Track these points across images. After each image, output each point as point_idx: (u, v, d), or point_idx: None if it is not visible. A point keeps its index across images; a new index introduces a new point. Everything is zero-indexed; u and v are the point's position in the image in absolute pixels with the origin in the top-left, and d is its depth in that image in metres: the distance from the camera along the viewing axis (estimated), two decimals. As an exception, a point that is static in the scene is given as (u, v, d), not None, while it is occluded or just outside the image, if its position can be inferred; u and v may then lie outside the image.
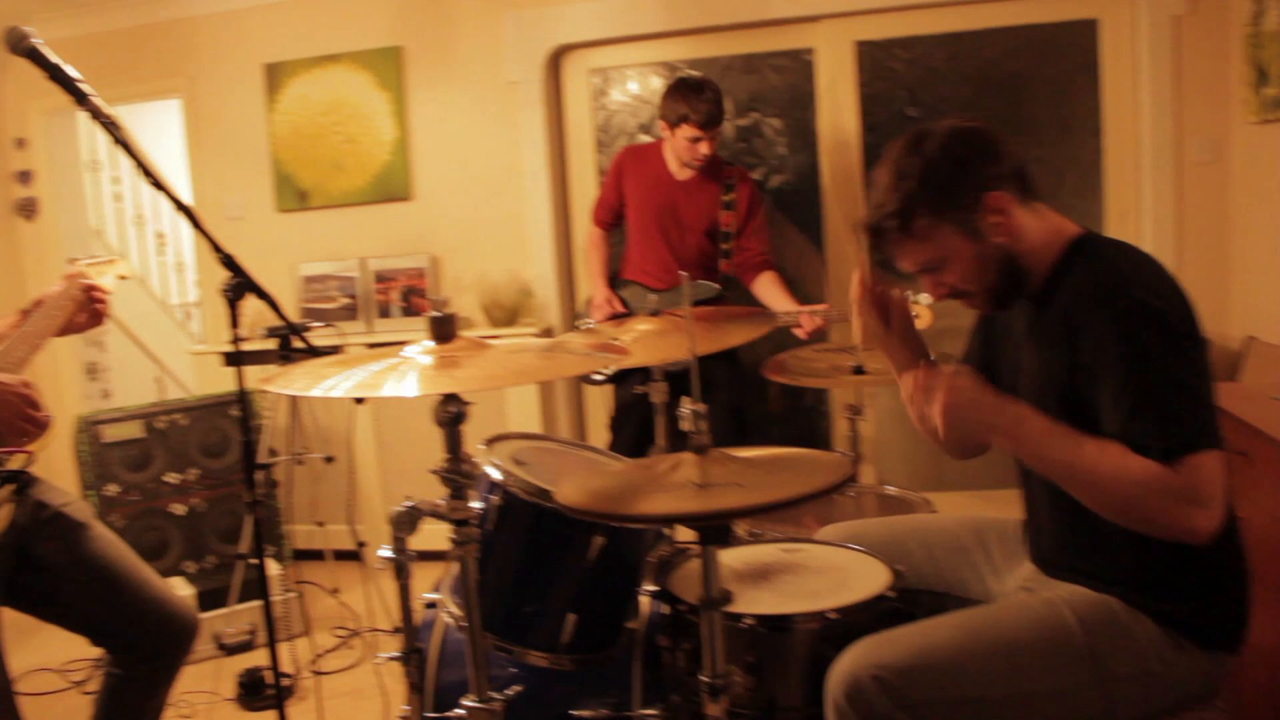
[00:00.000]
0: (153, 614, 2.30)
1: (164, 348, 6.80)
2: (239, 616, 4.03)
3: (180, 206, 2.26)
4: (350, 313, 4.99)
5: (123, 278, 2.73)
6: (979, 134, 1.86)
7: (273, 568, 4.23)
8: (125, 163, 6.65)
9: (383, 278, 4.97)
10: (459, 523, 1.73)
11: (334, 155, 4.97)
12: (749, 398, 4.32)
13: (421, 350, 1.69)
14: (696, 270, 3.99)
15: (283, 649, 3.80)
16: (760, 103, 4.64)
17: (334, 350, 2.75)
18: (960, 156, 1.83)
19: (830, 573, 2.10)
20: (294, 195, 5.06)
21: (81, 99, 2.10)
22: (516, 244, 4.84)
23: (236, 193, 5.17)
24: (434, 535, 2.45)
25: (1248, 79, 3.88)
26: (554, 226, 4.76)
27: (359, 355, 1.79)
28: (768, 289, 3.97)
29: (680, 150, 3.89)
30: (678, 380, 3.20)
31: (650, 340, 2.70)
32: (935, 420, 1.76)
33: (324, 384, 1.60)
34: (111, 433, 4.42)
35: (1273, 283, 3.80)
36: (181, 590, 4.06)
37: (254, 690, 3.59)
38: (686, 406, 1.59)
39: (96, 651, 2.55)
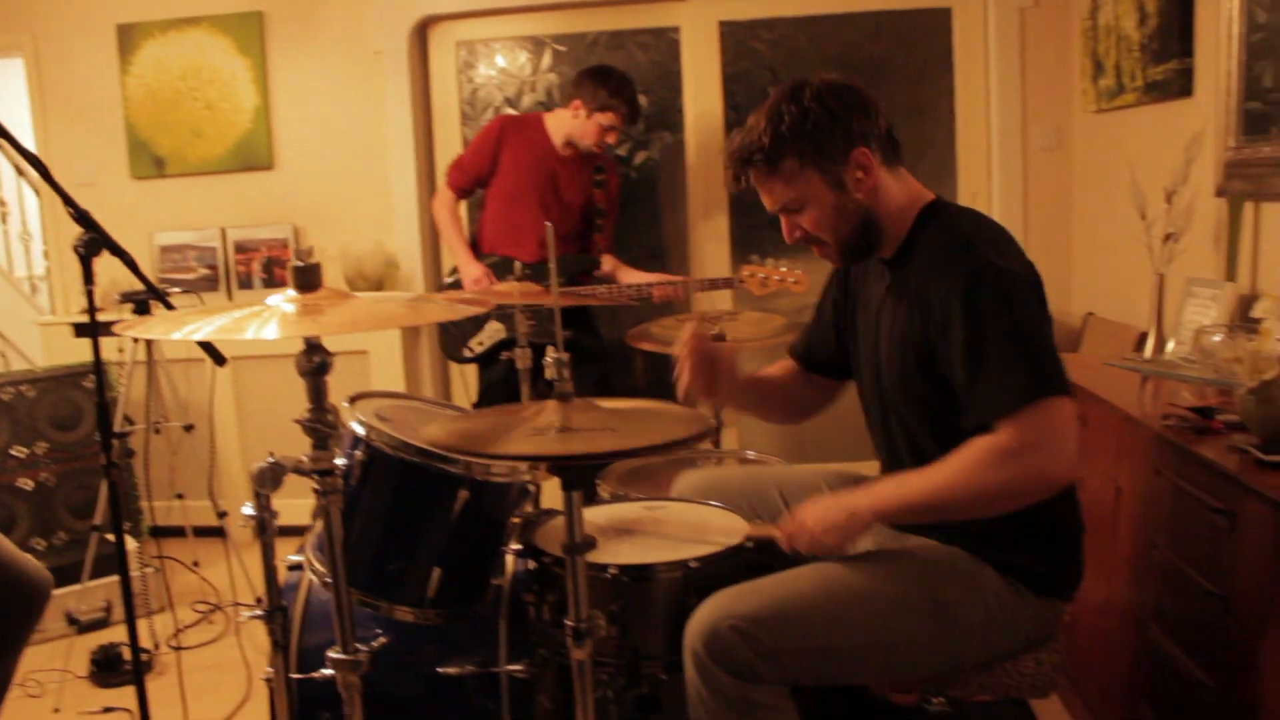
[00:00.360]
0: (3, 575, 2.24)
1: (8, 321, 6.53)
2: (93, 593, 3.91)
3: (26, 155, 2.20)
4: (210, 284, 4.89)
5: None
6: (855, 91, 1.95)
7: (129, 543, 4.13)
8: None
9: (243, 248, 4.89)
10: (323, 473, 1.74)
11: (192, 121, 4.85)
12: (614, 370, 4.40)
13: (285, 299, 1.69)
14: (572, 245, 4.07)
15: (140, 625, 3.74)
16: (627, 79, 4.69)
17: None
18: (835, 109, 1.91)
19: (691, 527, 2.17)
20: (150, 162, 4.92)
21: None
22: (381, 216, 4.80)
23: (87, 158, 4.99)
24: (296, 509, 2.47)
25: (1086, 70, 4.09)
26: (419, 199, 4.74)
27: (220, 305, 1.78)
28: (619, 264, 4.14)
29: (587, 133, 3.95)
30: (543, 350, 3.24)
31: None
32: (821, 551, 1.87)
33: (186, 328, 1.59)
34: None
35: (1108, 263, 4.03)
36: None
37: (109, 667, 3.51)
38: (550, 355, 1.63)
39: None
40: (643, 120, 4.66)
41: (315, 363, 1.69)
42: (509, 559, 2.31)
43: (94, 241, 2.31)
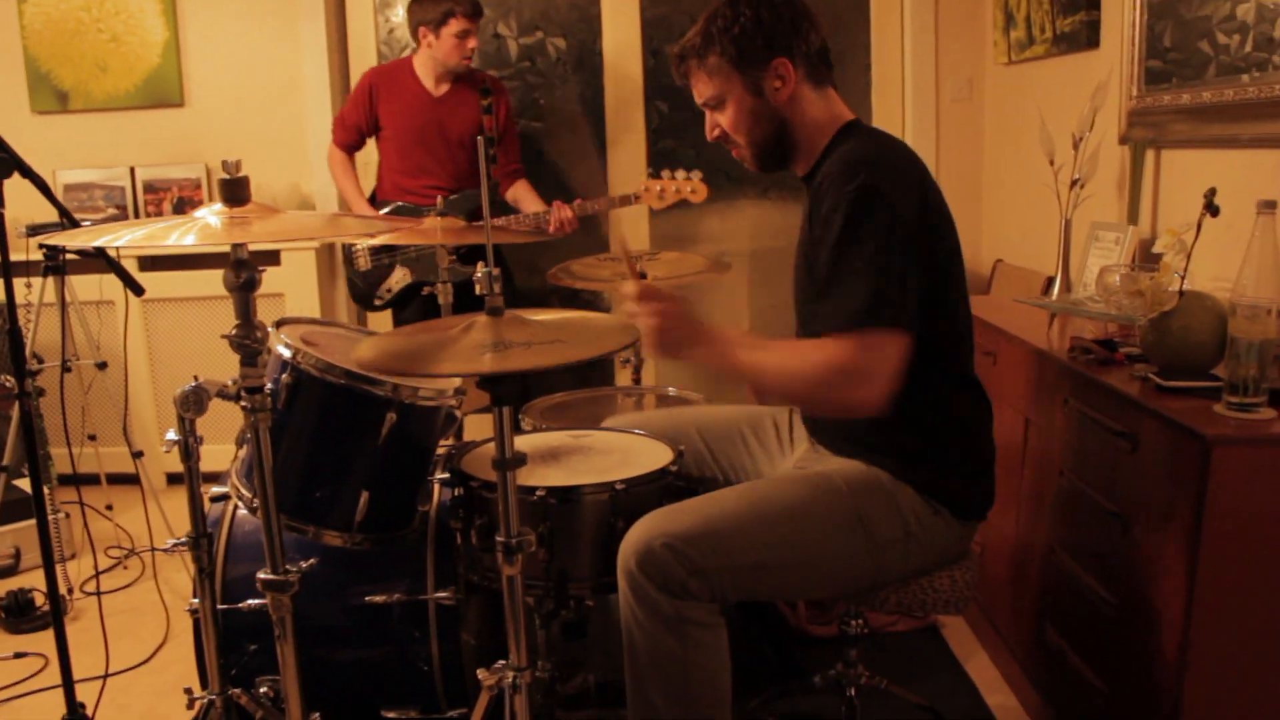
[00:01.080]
0: None
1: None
2: (0, 539, 3.83)
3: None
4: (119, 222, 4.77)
5: None
6: (793, 4, 2.01)
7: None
8: None
9: (153, 188, 4.78)
10: (251, 390, 1.74)
11: (97, 54, 4.71)
12: (533, 305, 4.40)
13: (212, 212, 1.68)
14: (468, 182, 4.04)
15: (63, 567, 3.67)
16: (545, 22, 4.67)
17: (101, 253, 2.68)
18: (764, 17, 1.97)
19: (616, 453, 2.21)
20: (52, 96, 4.77)
21: None
22: (297, 157, 4.73)
23: (-16, 90, 4.82)
24: (216, 455, 2.45)
25: (998, 22, 4.18)
26: (335, 140, 4.67)
27: (143, 221, 1.77)
28: (523, 195, 4.09)
29: (448, 52, 3.87)
30: (463, 287, 3.25)
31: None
32: (643, 337, 1.87)
33: (106, 237, 1.58)
34: None
35: (1016, 212, 4.15)
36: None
37: (19, 612, 3.43)
38: (480, 269, 1.65)
39: None
40: (560, 64, 4.66)
41: (243, 278, 1.69)
42: (435, 487, 2.34)
43: (4, 163, 2.23)
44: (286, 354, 2.02)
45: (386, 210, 4.01)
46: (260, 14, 4.64)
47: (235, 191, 1.68)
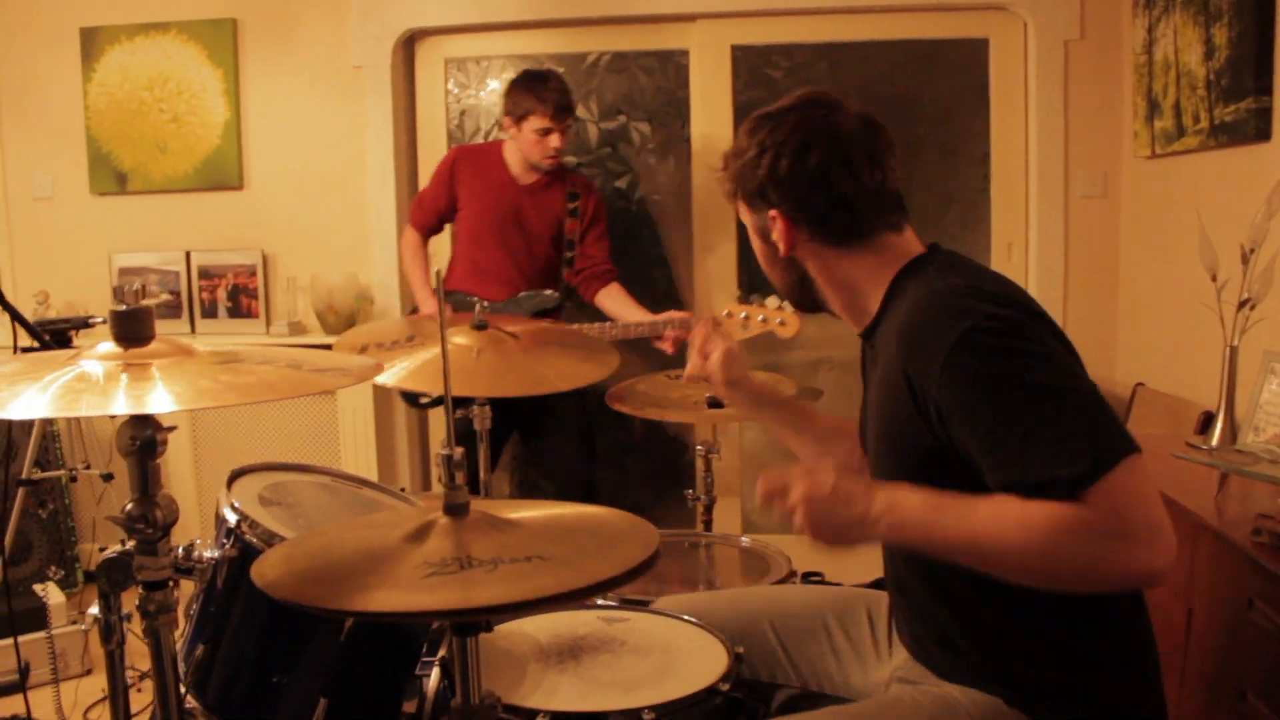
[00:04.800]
0: None
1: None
2: (7, 652, 3.49)
3: None
4: (173, 310, 4.49)
5: None
6: (822, 150, 1.60)
7: (57, 595, 3.71)
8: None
9: (209, 274, 4.48)
10: (151, 586, 1.31)
11: (158, 135, 4.46)
12: (603, 422, 3.95)
13: (99, 355, 1.26)
14: (540, 281, 3.67)
15: (60, 691, 3.33)
16: (628, 105, 4.29)
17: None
18: (766, 163, 1.62)
19: (655, 653, 1.72)
20: (111, 177, 4.54)
21: None
22: (357, 245, 4.40)
23: (45, 170, 4.61)
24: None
25: (1139, 110, 3.67)
26: (399, 228, 4.31)
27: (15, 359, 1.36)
28: (616, 300, 3.69)
29: (529, 147, 3.56)
30: (504, 405, 2.82)
31: (468, 361, 2.31)
32: (799, 529, 1.42)
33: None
34: None
35: (1163, 328, 3.58)
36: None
37: (10, 741, 3.11)
38: (443, 449, 1.19)
39: None
40: (644, 150, 4.27)
41: (139, 441, 1.26)
42: (433, 676, 1.87)
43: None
44: (231, 519, 1.59)
45: (453, 302, 3.64)
46: (324, 94, 4.34)
47: (133, 327, 1.25)
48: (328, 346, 4.07)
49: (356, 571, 1.13)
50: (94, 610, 1.59)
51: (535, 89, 3.51)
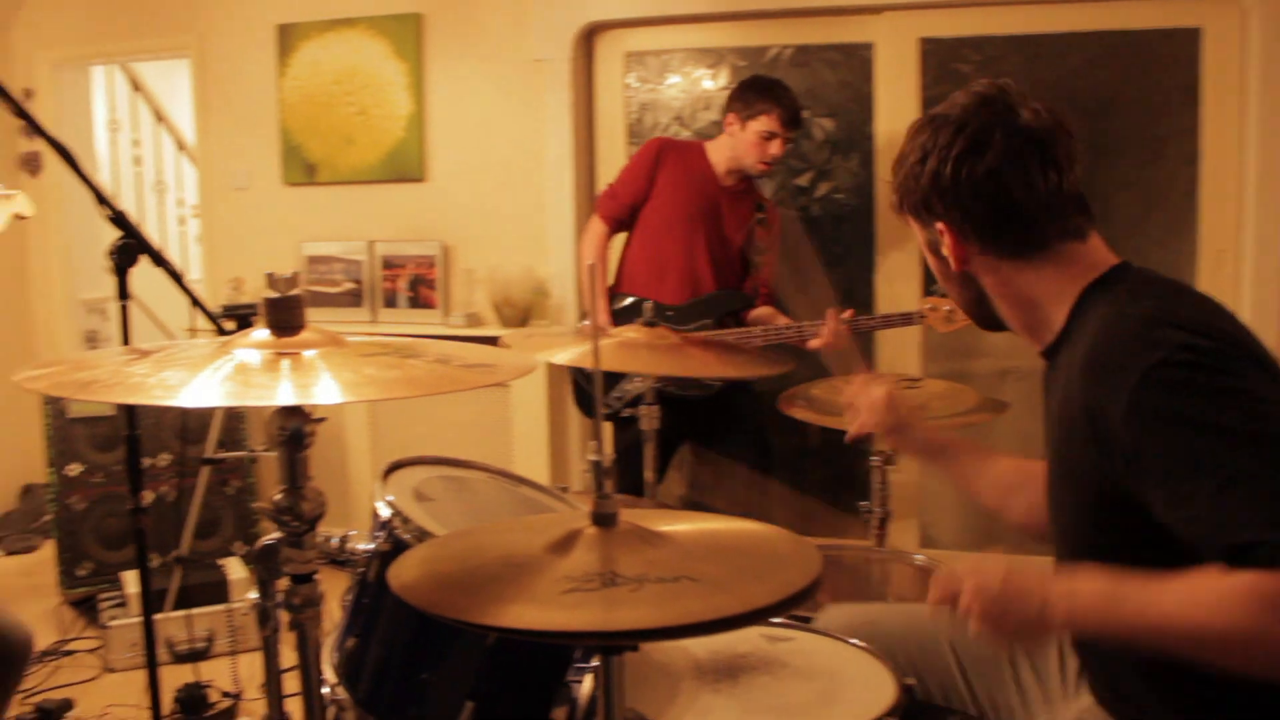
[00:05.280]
0: None
1: (180, 321, 6.45)
2: (196, 621, 3.65)
3: (48, 139, 1.87)
4: (354, 299, 4.61)
5: (20, 217, 2.34)
6: (996, 156, 1.46)
7: (239, 570, 3.86)
8: (147, 126, 6.37)
9: (390, 264, 4.58)
10: (296, 578, 1.31)
11: (345, 127, 4.59)
12: (778, 427, 3.85)
13: (252, 342, 1.26)
14: (729, 283, 3.61)
15: (235, 662, 3.46)
16: (811, 100, 4.16)
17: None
18: (927, 173, 1.50)
19: (818, 679, 1.63)
20: (301, 168, 4.69)
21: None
22: (534, 238, 4.42)
23: (243, 162, 4.81)
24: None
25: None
26: (576, 222, 4.33)
27: (174, 348, 1.36)
28: (770, 315, 3.63)
29: (747, 148, 3.50)
30: (674, 406, 2.77)
31: (630, 350, 2.26)
32: (974, 632, 1.32)
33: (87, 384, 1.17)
34: (78, 407, 4.07)
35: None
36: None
37: (191, 708, 3.23)
38: (590, 454, 1.14)
39: None
40: (826, 147, 4.15)
41: (287, 432, 1.25)
42: (584, 684, 1.82)
43: (128, 248, 1.94)
44: (384, 514, 1.58)
45: (620, 307, 3.59)
46: (504, 87, 4.38)
47: (284, 316, 1.24)
48: (495, 339, 4.17)
49: (495, 580, 1.08)
50: (253, 595, 1.60)
51: (774, 92, 3.47)
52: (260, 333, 1.29)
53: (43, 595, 4.22)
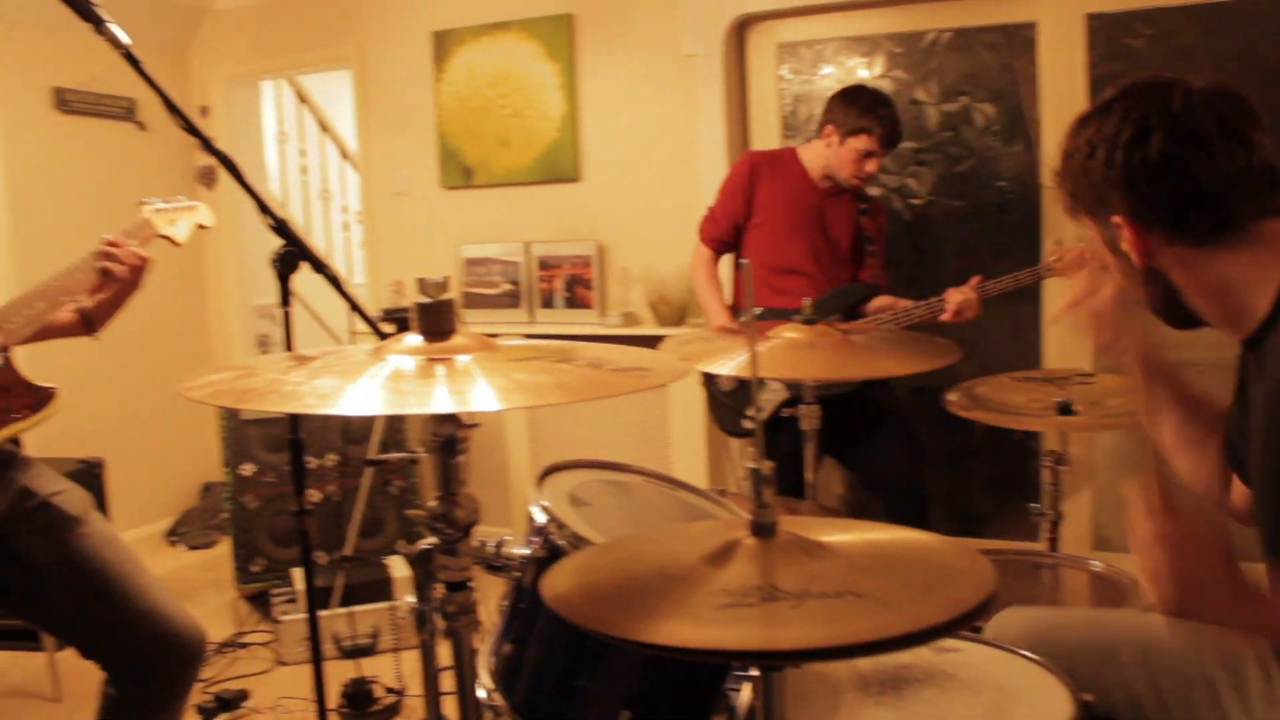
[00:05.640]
0: (146, 630, 1.94)
1: (343, 322, 6.64)
2: (361, 618, 3.75)
3: (220, 157, 1.92)
4: (512, 300, 4.66)
5: (202, 227, 2.43)
6: (1169, 136, 1.36)
7: (400, 568, 3.95)
8: (312, 136, 6.58)
9: (547, 264, 4.61)
10: (451, 586, 1.30)
11: (500, 130, 4.64)
12: (931, 424, 3.73)
13: (407, 349, 1.25)
14: (845, 280, 3.53)
15: (398, 659, 3.54)
16: (971, 85, 4.02)
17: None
18: (1096, 165, 1.40)
19: (986, 693, 1.54)
20: (459, 172, 4.76)
21: (98, 24, 1.78)
22: (689, 235, 4.33)
23: (402, 167, 4.92)
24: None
25: None
26: (730, 218, 4.27)
27: (330, 355, 1.37)
28: (890, 302, 3.52)
29: (843, 163, 3.41)
30: (833, 405, 2.69)
31: (793, 353, 2.20)
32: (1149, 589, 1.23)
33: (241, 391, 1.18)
34: (250, 409, 4.22)
35: None
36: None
37: (357, 703, 3.32)
38: (750, 463, 1.09)
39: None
40: (987, 133, 4.00)
41: (440, 438, 1.24)
42: (743, 692, 1.78)
43: (290, 256, 1.98)
44: (540, 519, 1.56)
45: (747, 318, 3.53)
46: (656, 83, 4.36)
47: (435, 320, 1.23)
48: (654, 339, 4.14)
49: (650, 594, 1.04)
50: (410, 598, 1.61)
51: (877, 111, 3.36)
52: (413, 338, 1.28)
53: (221, 589, 4.40)
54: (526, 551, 1.60)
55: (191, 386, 1.28)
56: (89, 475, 4.10)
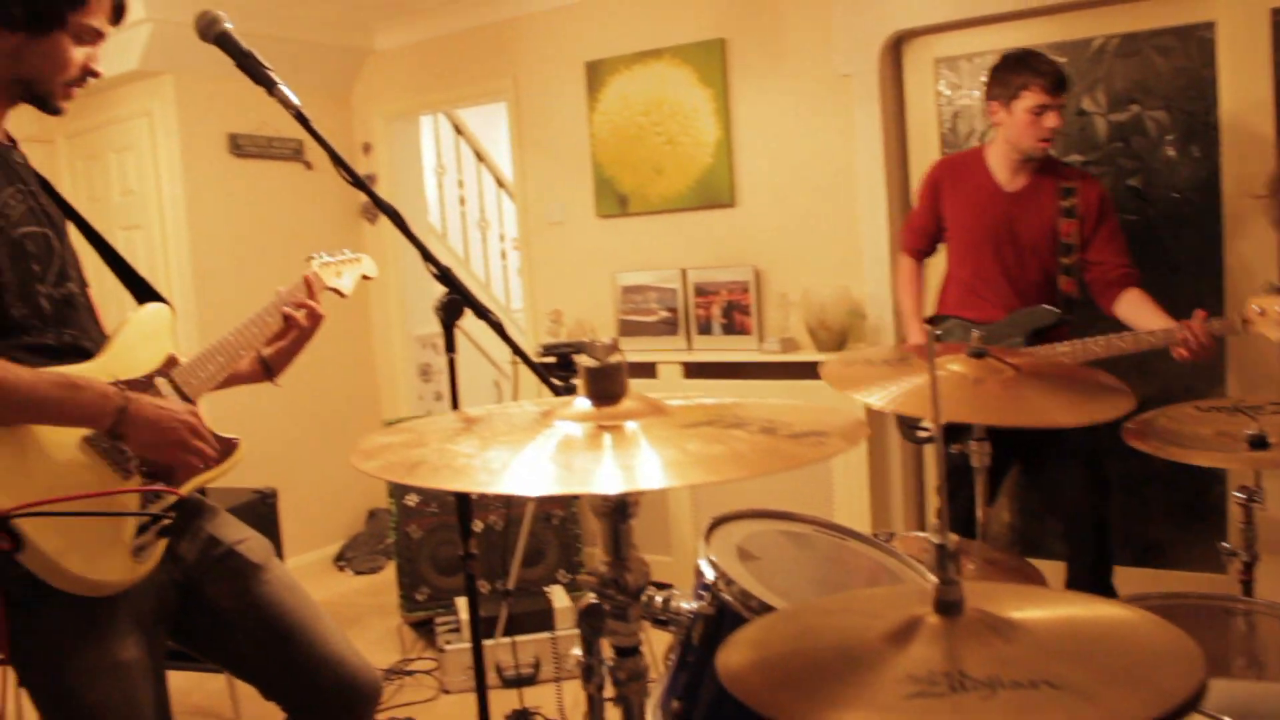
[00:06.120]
0: (326, 673, 1.98)
1: (505, 352, 6.75)
2: (522, 648, 3.78)
3: (384, 208, 1.95)
4: (670, 327, 4.65)
5: (366, 278, 2.49)
6: None
7: (563, 599, 3.96)
8: (470, 167, 6.73)
9: (703, 290, 4.59)
10: (621, 651, 1.27)
11: (654, 157, 4.64)
12: (1114, 450, 3.53)
13: (575, 413, 1.22)
14: (1037, 295, 3.31)
15: (559, 690, 3.55)
16: (1141, 92, 3.83)
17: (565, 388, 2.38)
18: None
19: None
20: (614, 200, 4.79)
21: (270, 86, 1.84)
22: (848, 258, 4.30)
23: (558, 196, 4.97)
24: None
25: None
26: (890, 239, 4.17)
27: (501, 419, 1.35)
28: (1135, 308, 3.20)
29: (1021, 131, 3.21)
30: (1004, 438, 2.57)
31: (964, 390, 2.11)
32: None
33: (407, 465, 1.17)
34: (414, 440, 4.33)
35: None
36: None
37: (518, 733, 3.36)
38: (934, 537, 1.02)
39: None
40: (1161, 141, 3.80)
41: (611, 503, 1.22)
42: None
43: (454, 303, 2.01)
44: (708, 575, 1.52)
45: (941, 330, 3.40)
46: (810, 105, 4.29)
47: (605, 385, 1.21)
48: (814, 365, 4.05)
49: (830, 677, 0.98)
50: (576, 651, 1.59)
51: (1029, 61, 3.20)
52: (582, 402, 1.26)
53: (386, 615, 4.50)
54: (694, 606, 1.56)
55: (362, 451, 1.28)
56: (263, 505, 4.26)
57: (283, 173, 5.25)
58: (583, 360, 1.24)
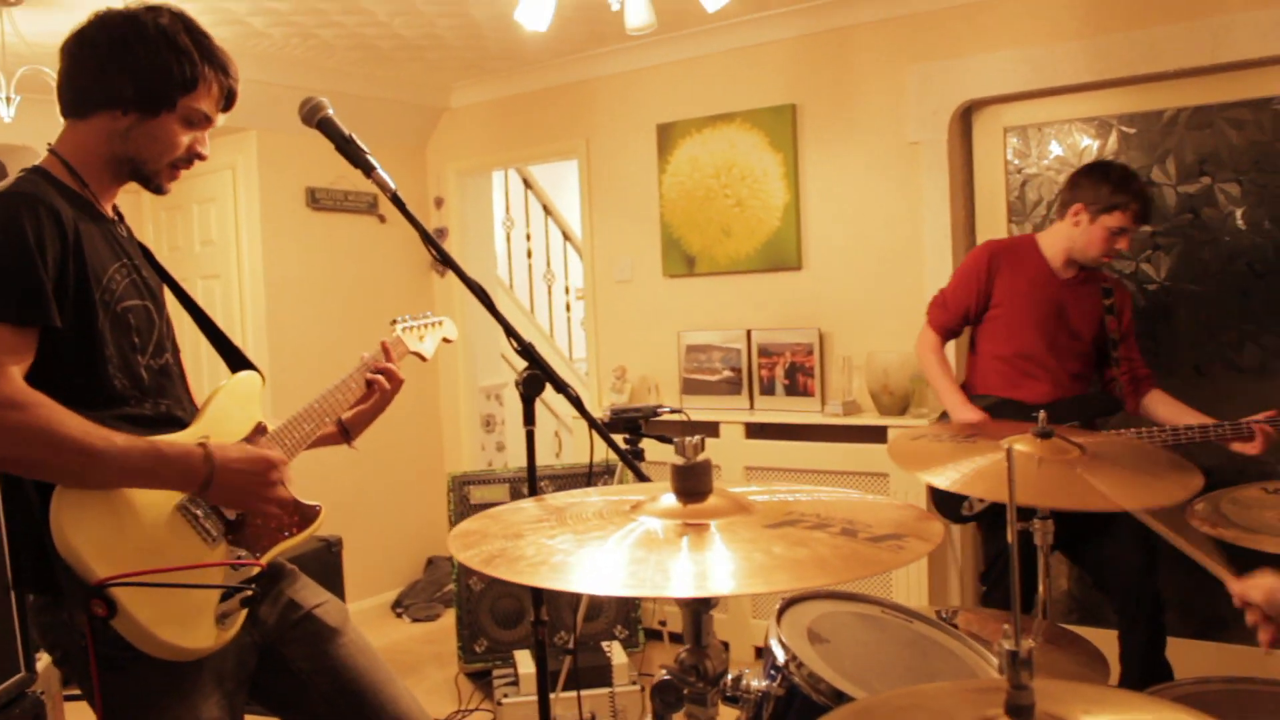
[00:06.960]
0: None
1: (568, 405, 6.81)
2: (582, 702, 3.80)
3: (470, 285, 2.01)
4: (733, 386, 4.68)
5: (447, 341, 2.56)
6: None
7: (620, 656, 3.98)
8: (537, 220, 6.84)
9: (767, 352, 4.62)
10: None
11: (722, 219, 4.71)
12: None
13: (660, 511, 1.26)
14: (1077, 382, 3.37)
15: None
16: (1212, 164, 3.83)
17: (638, 473, 2.43)
18: None
19: None
20: (681, 260, 4.85)
21: (369, 170, 1.92)
22: (913, 324, 4.26)
23: (626, 254, 5.05)
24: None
25: None
26: (956, 305, 4.18)
27: (584, 507, 1.39)
28: (1167, 404, 3.35)
29: (1091, 242, 3.27)
30: (1068, 519, 2.58)
31: (1029, 471, 2.13)
32: None
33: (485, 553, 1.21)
34: (478, 494, 4.41)
35: None
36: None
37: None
38: (1007, 644, 1.04)
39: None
40: (1232, 215, 3.79)
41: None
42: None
43: (534, 379, 2.06)
44: (779, 656, 1.55)
45: (987, 406, 3.41)
46: (879, 171, 4.33)
47: (691, 483, 1.24)
48: (882, 429, 4.08)
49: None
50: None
51: (1130, 187, 3.23)
52: (668, 498, 1.30)
53: (443, 663, 4.55)
54: (764, 686, 1.59)
55: (459, 545, 1.32)
56: (328, 553, 4.34)
57: (357, 225, 5.38)
58: (673, 458, 1.28)
